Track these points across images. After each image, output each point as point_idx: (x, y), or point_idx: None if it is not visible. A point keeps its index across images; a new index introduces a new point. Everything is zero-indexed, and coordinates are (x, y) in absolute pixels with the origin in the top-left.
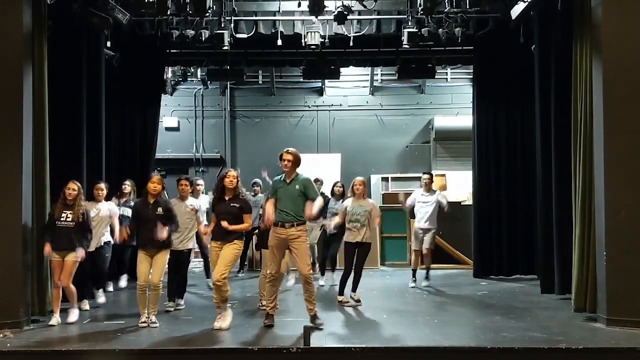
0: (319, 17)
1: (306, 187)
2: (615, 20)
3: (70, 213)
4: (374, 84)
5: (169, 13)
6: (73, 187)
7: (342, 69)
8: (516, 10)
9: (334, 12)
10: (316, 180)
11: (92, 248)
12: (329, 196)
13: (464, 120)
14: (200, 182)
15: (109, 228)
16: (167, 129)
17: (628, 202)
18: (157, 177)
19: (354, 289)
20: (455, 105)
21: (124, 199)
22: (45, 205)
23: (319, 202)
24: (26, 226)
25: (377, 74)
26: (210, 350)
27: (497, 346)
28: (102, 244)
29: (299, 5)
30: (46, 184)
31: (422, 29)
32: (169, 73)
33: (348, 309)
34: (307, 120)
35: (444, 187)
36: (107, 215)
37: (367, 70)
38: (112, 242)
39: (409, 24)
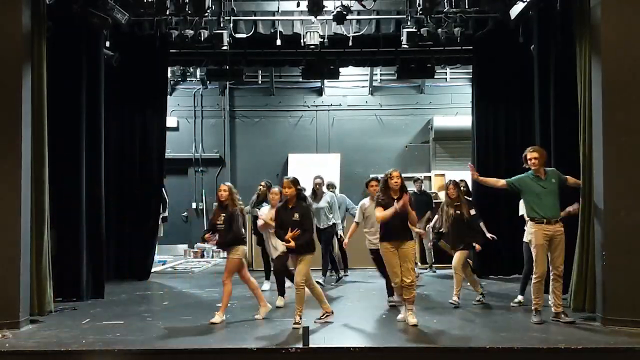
0: (318, 17)
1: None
2: (615, 20)
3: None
4: (373, 84)
5: (168, 13)
6: (224, 189)
7: (341, 69)
8: (515, 10)
9: (333, 12)
10: (330, 185)
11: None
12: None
13: (463, 120)
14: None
15: None
16: (167, 129)
17: (627, 202)
18: (285, 180)
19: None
20: (454, 105)
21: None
22: (45, 206)
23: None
24: (25, 226)
25: (376, 74)
26: (209, 350)
27: (496, 346)
28: None
29: (298, 5)
30: (45, 185)
31: (422, 29)
32: (168, 73)
33: (347, 308)
34: (306, 120)
35: (442, 187)
36: None
37: (367, 70)
38: None
39: (408, 23)
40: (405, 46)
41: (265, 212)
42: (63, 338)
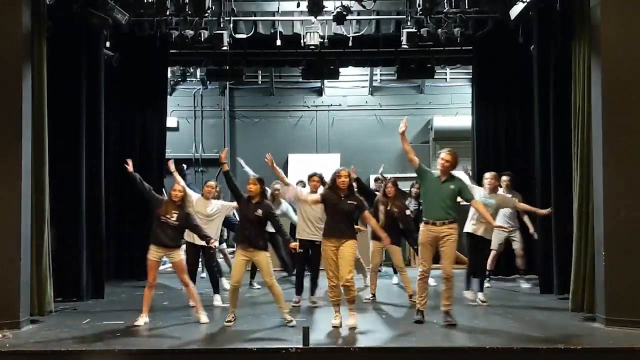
0: (318, 18)
1: None
2: (614, 20)
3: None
4: (373, 84)
5: (168, 13)
6: (179, 189)
7: (341, 69)
8: (515, 11)
9: (333, 12)
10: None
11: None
12: None
13: (463, 120)
14: (278, 186)
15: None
16: (167, 128)
17: (627, 202)
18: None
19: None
20: (454, 105)
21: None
22: (45, 206)
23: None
24: (25, 227)
25: (376, 74)
26: (209, 350)
27: (495, 346)
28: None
29: (298, 5)
30: (45, 185)
31: (421, 29)
32: (168, 73)
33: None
34: (306, 120)
35: None
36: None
37: (367, 70)
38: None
39: (408, 24)
40: (405, 46)
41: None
42: (63, 338)
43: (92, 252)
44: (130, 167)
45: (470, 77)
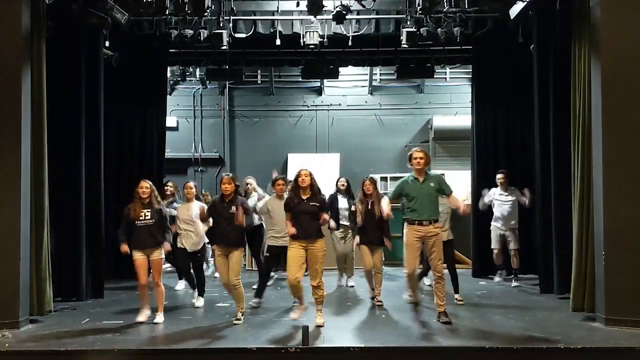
0: (318, 17)
1: None
2: (614, 20)
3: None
4: (373, 84)
5: (167, 13)
6: (145, 186)
7: (340, 69)
8: (515, 10)
9: (332, 11)
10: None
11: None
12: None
13: (463, 119)
14: (250, 180)
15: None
16: (166, 128)
17: (627, 202)
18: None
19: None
20: (454, 105)
21: (168, 200)
22: (44, 206)
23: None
24: (25, 226)
25: (375, 74)
26: (209, 350)
27: (495, 346)
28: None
29: (298, 4)
30: (45, 185)
31: (421, 29)
32: (167, 73)
33: (345, 308)
34: (306, 120)
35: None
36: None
37: (366, 69)
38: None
39: (408, 23)
40: (405, 46)
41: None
42: (63, 338)
43: (91, 252)
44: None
45: (470, 76)
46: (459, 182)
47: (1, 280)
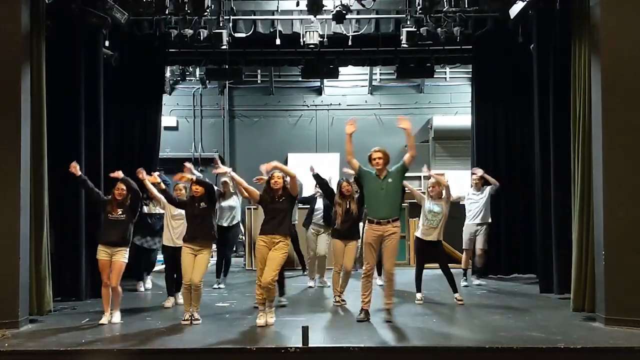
0: (318, 17)
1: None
2: (614, 19)
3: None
4: (373, 84)
5: (167, 12)
6: (122, 187)
7: (340, 69)
8: (515, 10)
9: (332, 11)
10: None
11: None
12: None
13: (463, 119)
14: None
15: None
16: (166, 128)
17: (627, 202)
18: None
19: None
20: (454, 105)
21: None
22: (44, 205)
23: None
24: (24, 226)
25: (375, 74)
26: (209, 350)
27: (495, 346)
28: None
29: (298, 4)
30: (45, 184)
31: (421, 29)
32: (167, 72)
33: (347, 308)
34: (305, 120)
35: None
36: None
37: (366, 69)
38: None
39: (408, 23)
40: (405, 45)
41: None
42: (62, 338)
43: (91, 252)
44: (77, 171)
45: (470, 76)
46: (459, 182)
47: (1, 280)
